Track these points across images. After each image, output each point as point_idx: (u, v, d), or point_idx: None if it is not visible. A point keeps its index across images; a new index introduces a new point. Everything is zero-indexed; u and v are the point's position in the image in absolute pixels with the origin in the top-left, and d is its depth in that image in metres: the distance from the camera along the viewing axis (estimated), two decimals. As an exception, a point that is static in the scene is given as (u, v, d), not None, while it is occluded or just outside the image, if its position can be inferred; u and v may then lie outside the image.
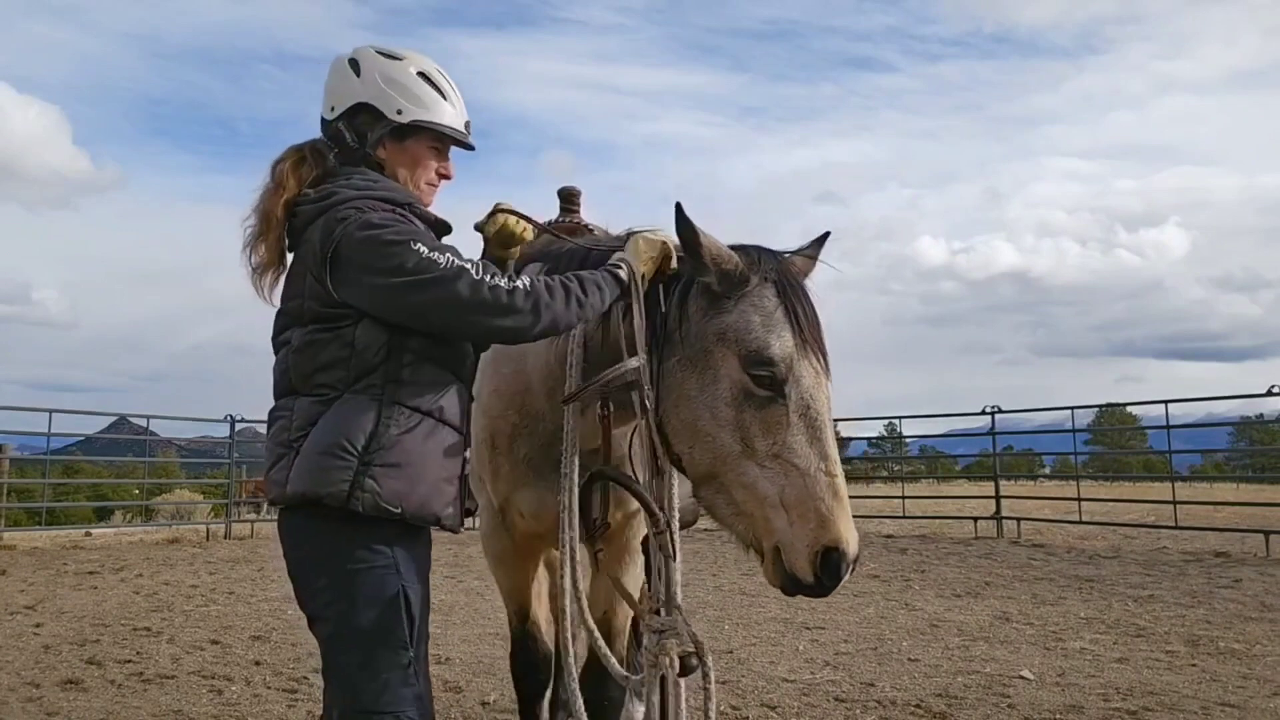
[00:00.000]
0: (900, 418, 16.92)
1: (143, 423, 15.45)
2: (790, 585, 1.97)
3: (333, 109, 2.18)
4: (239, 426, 14.51)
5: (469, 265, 1.95)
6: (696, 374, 2.11)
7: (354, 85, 2.15)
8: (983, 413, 13.78)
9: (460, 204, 2.41)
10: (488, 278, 1.95)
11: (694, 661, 2.10)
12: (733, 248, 2.19)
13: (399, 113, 2.13)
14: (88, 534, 13.64)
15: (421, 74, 2.17)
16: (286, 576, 2.11)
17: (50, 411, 12.78)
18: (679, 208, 2.12)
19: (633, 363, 2.17)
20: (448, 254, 1.96)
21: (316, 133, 2.25)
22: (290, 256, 2.15)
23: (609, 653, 2.35)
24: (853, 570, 1.93)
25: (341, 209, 2.01)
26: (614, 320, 2.29)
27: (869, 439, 26.48)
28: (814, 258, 2.38)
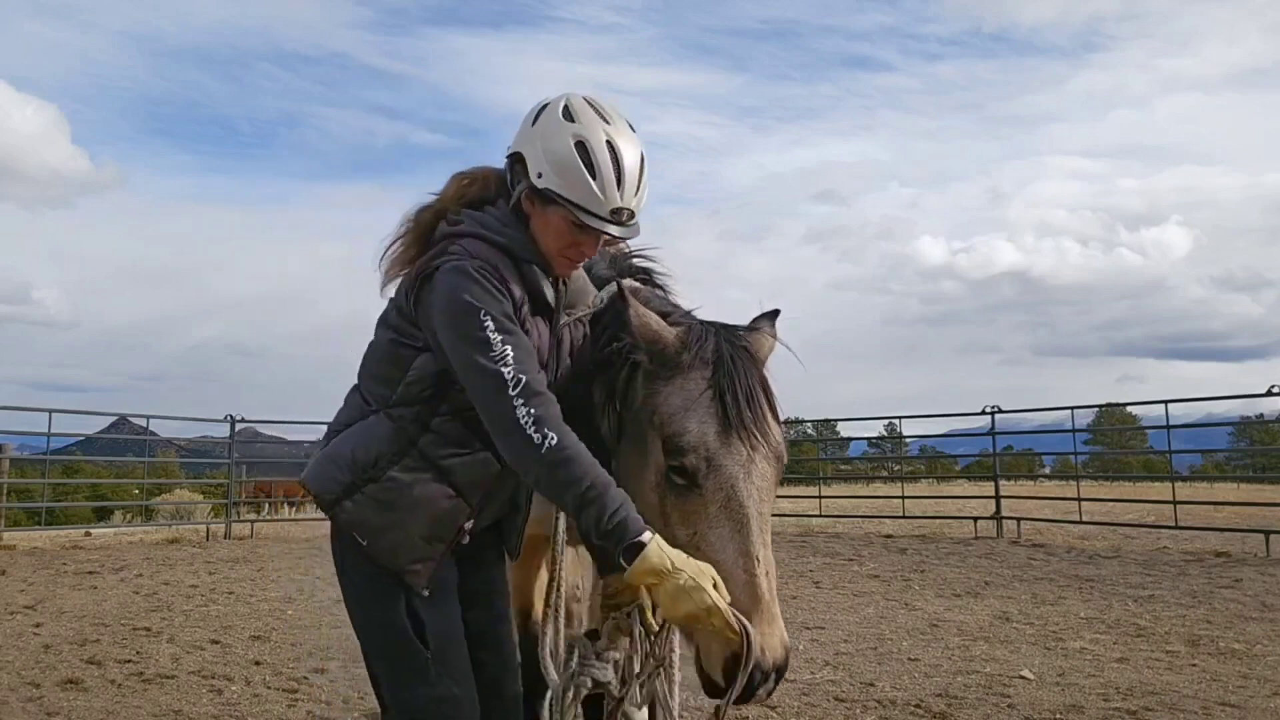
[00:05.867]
0: (900, 418, 16.93)
1: (143, 423, 15.41)
2: (706, 687, 1.84)
3: (509, 145, 2.13)
4: (239, 427, 14.50)
5: (509, 376, 1.85)
6: (636, 456, 2.05)
7: (526, 131, 2.07)
8: (983, 413, 13.78)
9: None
10: (519, 402, 1.84)
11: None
12: (678, 322, 2.11)
13: (539, 176, 2.01)
14: (87, 534, 13.64)
15: (580, 143, 1.98)
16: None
17: (50, 411, 12.76)
18: (619, 288, 2.08)
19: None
20: (508, 346, 1.88)
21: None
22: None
23: (548, 660, 2.35)
24: (774, 681, 1.77)
25: (455, 243, 2.01)
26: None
27: (869, 439, 26.52)
28: (771, 334, 2.18)
